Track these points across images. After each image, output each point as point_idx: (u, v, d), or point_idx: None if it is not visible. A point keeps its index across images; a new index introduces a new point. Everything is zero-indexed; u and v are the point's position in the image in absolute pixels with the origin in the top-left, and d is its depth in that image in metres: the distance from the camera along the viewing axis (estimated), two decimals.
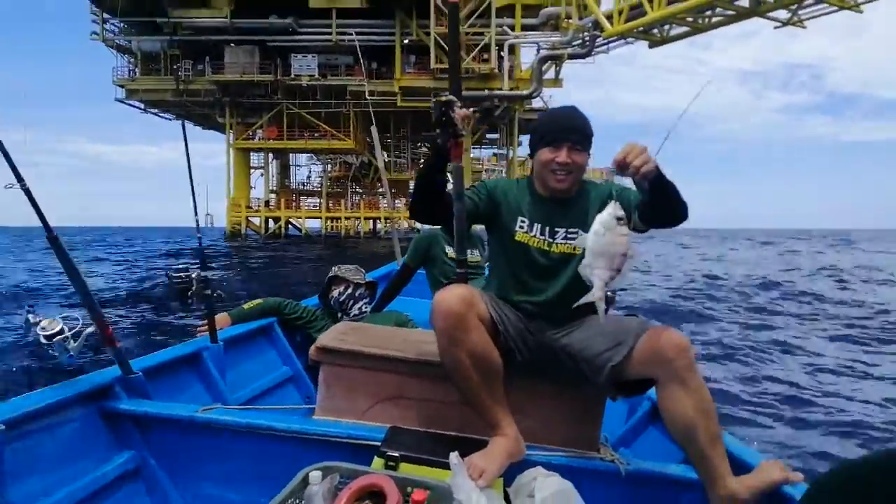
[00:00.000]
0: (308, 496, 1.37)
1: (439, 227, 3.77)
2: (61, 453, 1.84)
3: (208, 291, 2.70)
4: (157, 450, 2.07)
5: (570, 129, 1.95)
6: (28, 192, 1.81)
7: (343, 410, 2.14)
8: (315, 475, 1.43)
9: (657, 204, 1.76)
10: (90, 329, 1.94)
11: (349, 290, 3.36)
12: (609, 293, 2.18)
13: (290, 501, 1.41)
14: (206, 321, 2.78)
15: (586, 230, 1.70)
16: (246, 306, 3.28)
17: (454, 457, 1.48)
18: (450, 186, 2.02)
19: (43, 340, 1.87)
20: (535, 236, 2.01)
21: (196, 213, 2.78)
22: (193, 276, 2.65)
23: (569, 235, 1.98)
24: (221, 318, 3.04)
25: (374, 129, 6.44)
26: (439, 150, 1.89)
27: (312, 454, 1.78)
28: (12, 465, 1.62)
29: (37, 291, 13.24)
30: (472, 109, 1.93)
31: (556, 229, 2.00)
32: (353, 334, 2.33)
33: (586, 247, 1.66)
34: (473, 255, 3.72)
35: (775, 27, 28.77)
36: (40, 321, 1.90)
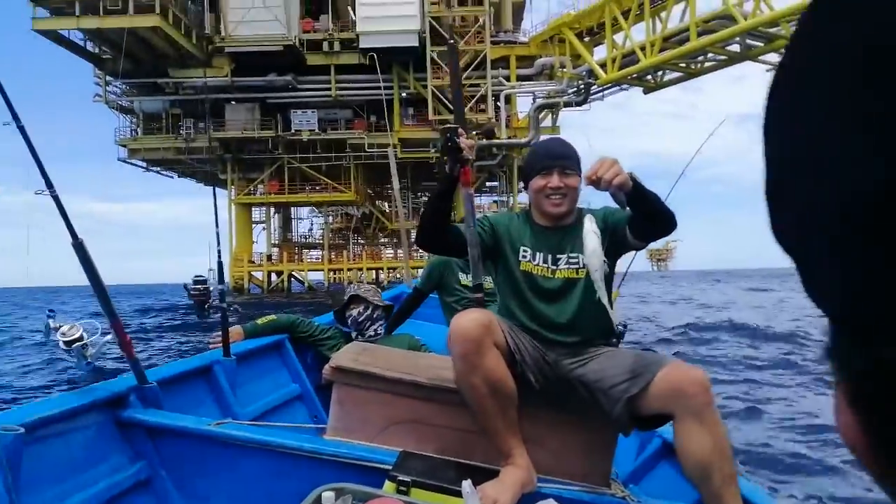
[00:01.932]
0: None
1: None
2: (76, 459, 1.85)
3: (224, 305, 2.75)
4: (169, 461, 2.07)
5: (557, 156, 2.05)
6: (57, 199, 1.89)
7: (355, 431, 2.12)
8: (328, 496, 1.44)
9: (642, 215, 1.84)
10: (109, 337, 1.91)
11: (368, 311, 3.33)
12: (620, 326, 2.20)
13: None
14: (219, 334, 2.81)
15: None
16: (260, 321, 3.30)
17: (467, 485, 1.48)
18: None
19: (62, 346, 1.82)
20: (538, 265, 2.05)
21: (218, 240, 2.97)
22: (211, 288, 2.63)
23: (570, 261, 2.03)
24: (234, 331, 3.06)
25: (393, 169, 6.45)
26: (447, 176, 1.98)
27: (323, 474, 1.77)
28: (29, 469, 1.63)
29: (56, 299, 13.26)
30: (475, 132, 1.94)
31: (558, 256, 2.04)
32: (367, 355, 2.31)
33: (596, 259, 1.79)
34: (487, 282, 3.62)
35: (767, 70, 29.28)
36: (60, 326, 1.84)
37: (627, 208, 1.86)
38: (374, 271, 46.09)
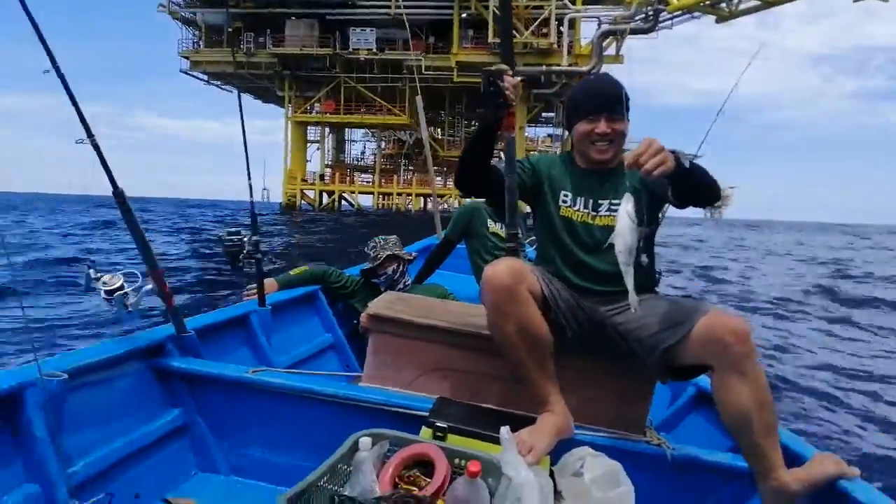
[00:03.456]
0: (357, 462, 1.38)
1: (482, 199, 3.78)
2: (115, 406, 1.91)
3: (258, 255, 2.72)
4: (206, 409, 2.11)
5: (605, 98, 1.94)
6: (97, 148, 1.87)
7: (390, 379, 2.14)
8: (365, 441, 1.43)
9: (683, 189, 1.76)
10: (149, 286, 1.99)
11: (402, 268, 3.41)
12: (657, 274, 2.13)
13: (339, 466, 1.42)
14: (254, 285, 2.84)
15: None
16: (293, 272, 3.34)
17: (505, 431, 1.45)
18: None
19: (104, 295, 1.89)
20: (578, 210, 1.99)
21: (249, 177, 2.81)
22: (245, 239, 2.68)
23: (612, 207, 1.95)
24: (269, 283, 3.09)
25: (418, 100, 6.33)
26: (487, 121, 1.87)
27: (359, 421, 1.77)
28: (71, 414, 1.68)
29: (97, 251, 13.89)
30: (518, 78, 1.90)
31: (600, 202, 1.98)
32: (402, 303, 2.33)
33: (622, 243, 1.66)
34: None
35: (854, 1, 27.17)
36: (101, 276, 1.92)
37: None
38: (422, 198, 46.32)
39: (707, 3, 28.76)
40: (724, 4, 29.41)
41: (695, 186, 1.76)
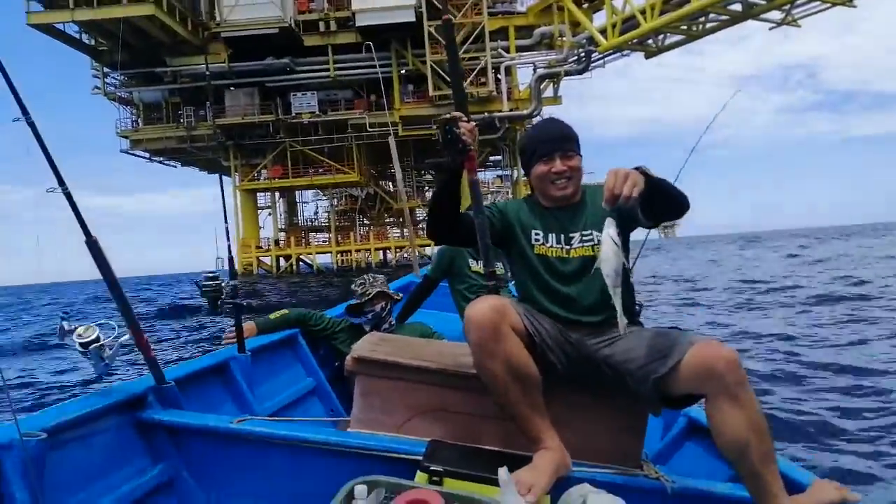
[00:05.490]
0: None
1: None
2: (98, 463, 1.84)
3: (238, 301, 2.73)
4: (191, 462, 2.03)
5: (557, 139, 2.02)
6: (69, 196, 1.86)
7: (379, 423, 2.08)
8: (360, 489, 1.41)
9: (657, 203, 1.79)
10: (125, 337, 1.94)
11: (389, 307, 3.38)
12: (637, 306, 2.13)
13: None
14: (233, 330, 2.79)
15: (599, 229, 1.77)
16: (272, 316, 3.29)
17: (503, 472, 1.44)
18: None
19: (79, 348, 1.83)
20: (552, 246, 2.02)
21: (228, 238, 2.88)
22: (223, 284, 2.61)
23: (584, 238, 2.00)
24: (248, 327, 3.04)
25: (394, 154, 6.39)
26: (450, 167, 1.91)
27: (351, 468, 1.71)
28: (51, 475, 1.61)
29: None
30: (474, 123, 1.91)
31: (571, 235, 2.01)
32: (387, 345, 2.29)
33: (608, 267, 1.69)
34: (498, 268, 3.57)
35: (770, 28, 28.85)
36: (75, 328, 1.84)
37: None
38: (381, 251, 46.23)
39: (635, 41, 30.08)
40: (651, 41, 30.81)
41: (668, 196, 1.81)
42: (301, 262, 44.81)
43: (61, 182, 1.84)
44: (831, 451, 4.28)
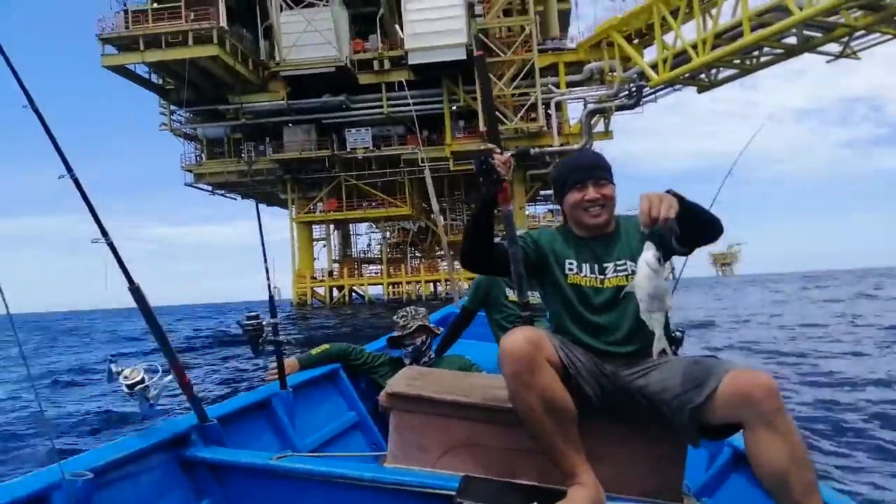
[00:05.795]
0: None
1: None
2: (143, 501, 1.89)
3: (279, 338, 2.74)
4: (233, 498, 2.08)
5: (589, 168, 2.03)
6: (112, 247, 1.93)
7: (414, 458, 2.10)
8: None
9: (691, 227, 1.78)
10: (169, 377, 2.02)
11: (429, 340, 3.42)
12: (677, 332, 2.14)
13: None
14: (275, 367, 2.84)
15: (634, 259, 1.79)
16: (314, 352, 3.35)
17: None
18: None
19: (125, 390, 1.93)
20: (585, 276, 2.01)
21: (267, 271, 2.90)
22: (263, 322, 2.71)
23: (618, 268, 1.99)
24: (290, 363, 3.10)
25: (430, 188, 6.29)
26: (484, 198, 1.94)
27: (387, 503, 1.76)
28: None
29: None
30: (509, 153, 1.97)
31: (605, 265, 2.01)
32: (422, 379, 2.30)
33: (642, 292, 1.68)
34: (535, 297, 3.62)
35: (827, 61, 28.13)
36: (123, 370, 1.94)
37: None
38: (432, 283, 46.53)
39: (687, 76, 29.79)
40: (703, 75, 30.44)
41: (701, 219, 1.82)
42: (353, 293, 45.56)
43: (104, 233, 1.92)
44: (869, 474, 4.13)
